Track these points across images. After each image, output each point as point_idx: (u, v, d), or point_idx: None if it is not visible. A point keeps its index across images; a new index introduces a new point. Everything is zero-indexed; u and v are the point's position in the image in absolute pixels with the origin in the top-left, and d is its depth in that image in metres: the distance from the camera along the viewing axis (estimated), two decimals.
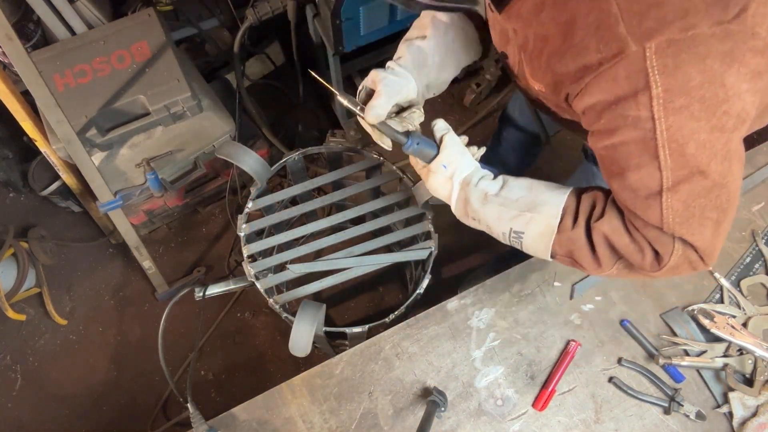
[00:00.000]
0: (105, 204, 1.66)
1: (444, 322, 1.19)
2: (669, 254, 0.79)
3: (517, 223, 0.90)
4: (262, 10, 1.81)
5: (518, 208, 0.90)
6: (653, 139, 0.70)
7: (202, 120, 1.83)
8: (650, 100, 0.67)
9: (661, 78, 0.66)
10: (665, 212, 0.75)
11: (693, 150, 0.70)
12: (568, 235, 0.86)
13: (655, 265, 0.81)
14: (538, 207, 0.89)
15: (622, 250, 0.82)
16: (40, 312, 2.07)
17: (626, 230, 0.81)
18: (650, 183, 0.74)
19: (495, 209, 0.92)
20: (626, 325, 1.17)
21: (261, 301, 2.07)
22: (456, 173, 0.96)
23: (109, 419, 1.94)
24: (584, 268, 0.88)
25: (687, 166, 0.72)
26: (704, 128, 0.69)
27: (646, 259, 0.81)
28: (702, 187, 0.73)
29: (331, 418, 1.12)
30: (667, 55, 0.65)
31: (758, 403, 1.10)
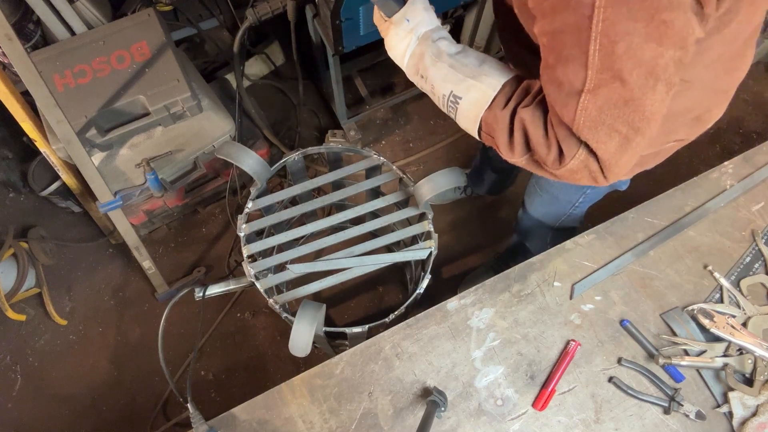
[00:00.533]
0: (105, 204, 1.66)
1: (444, 322, 1.19)
2: (571, 156, 0.80)
3: (459, 88, 0.90)
4: (262, 11, 1.81)
5: (464, 73, 0.90)
6: (588, 29, 0.69)
7: (201, 120, 1.83)
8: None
9: None
10: (578, 113, 0.75)
11: (621, 52, 0.69)
12: (495, 113, 0.87)
13: (557, 164, 0.82)
14: (482, 77, 0.89)
15: (534, 142, 0.83)
16: (40, 312, 2.07)
17: (543, 124, 0.82)
18: (574, 80, 0.74)
19: (444, 69, 0.92)
20: (626, 325, 1.17)
21: (261, 301, 2.07)
22: (417, 27, 0.95)
23: (109, 419, 1.94)
24: (499, 149, 0.89)
25: (611, 69, 0.71)
26: (639, 32, 0.68)
27: (550, 155, 0.82)
28: (619, 97, 0.72)
29: (331, 418, 1.12)
30: None
31: (758, 403, 1.10)
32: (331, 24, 1.62)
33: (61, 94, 1.64)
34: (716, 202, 1.30)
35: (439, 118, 2.44)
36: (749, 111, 2.41)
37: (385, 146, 2.40)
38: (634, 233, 1.27)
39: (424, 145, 2.38)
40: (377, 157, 1.42)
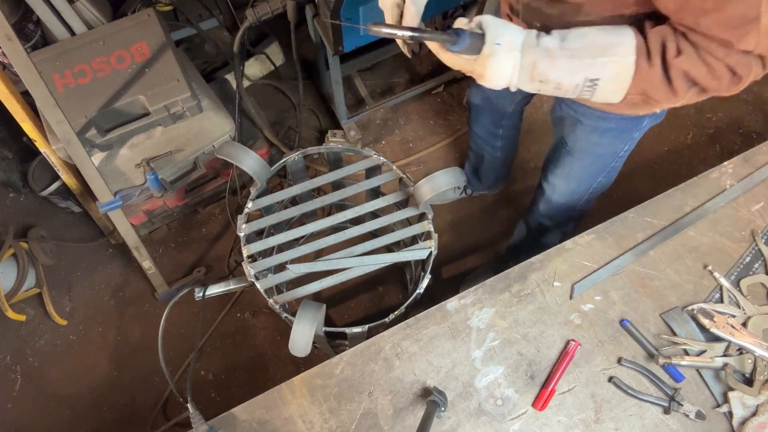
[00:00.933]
0: (105, 204, 1.66)
1: (444, 322, 1.19)
2: (748, 74, 0.85)
3: (592, 71, 0.90)
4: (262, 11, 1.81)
5: (589, 55, 0.89)
6: None
7: (201, 120, 1.83)
8: None
9: None
10: (763, 38, 0.79)
11: None
12: (645, 73, 0.88)
13: (733, 86, 0.87)
14: (610, 50, 0.88)
15: (700, 80, 0.86)
16: (39, 312, 2.07)
17: (704, 63, 0.85)
18: (748, 11, 0.77)
19: (565, 62, 0.90)
20: (626, 325, 1.17)
21: (261, 301, 2.07)
22: (512, 43, 0.91)
23: (109, 419, 1.94)
24: (658, 102, 0.92)
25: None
26: None
27: (723, 82, 0.86)
28: None
29: (331, 418, 1.12)
30: None
31: (758, 403, 1.10)
32: (330, 24, 1.62)
33: (61, 94, 1.64)
34: (716, 202, 1.30)
35: (439, 118, 2.44)
36: (749, 111, 2.41)
37: (385, 146, 2.40)
38: (634, 233, 1.27)
39: (424, 145, 2.38)
40: (377, 157, 1.42)
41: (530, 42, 0.92)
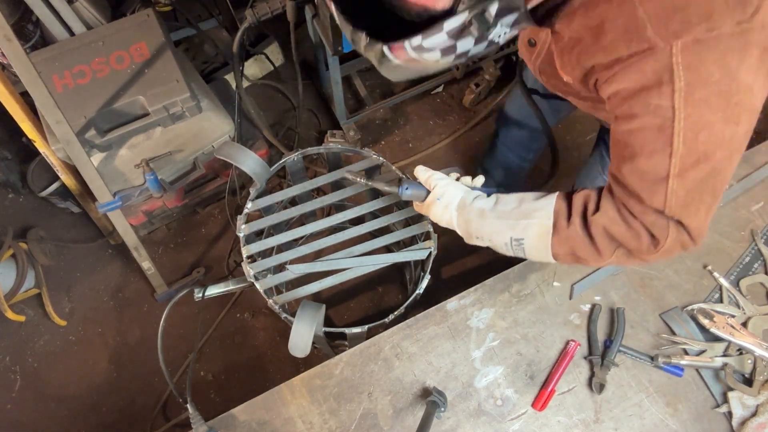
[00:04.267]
0: (104, 205, 1.66)
1: (443, 323, 1.19)
2: (665, 237, 0.85)
3: (516, 231, 0.96)
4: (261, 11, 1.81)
5: (514, 217, 0.97)
6: (670, 127, 0.75)
7: (201, 121, 1.83)
8: (672, 92, 0.73)
9: (685, 73, 0.71)
10: (669, 196, 0.80)
11: (704, 138, 0.75)
12: (565, 233, 0.92)
13: (652, 249, 0.87)
14: (532, 213, 0.95)
15: (620, 238, 0.87)
16: (39, 313, 2.07)
17: (622, 219, 0.86)
18: (659, 168, 0.79)
19: (494, 222, 0.99)
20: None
21: (260, 301, 2.07)
22: (451, 202, 1.05)
23: (108, 420, 1.94)
24: (587, 260, 0.93)
25: (696, 153, 0.77)
26: (719, 119, 0.74)
27: (642, 243, 0.86)
28: (704, 174, 0.79)
29: (331, 419, 1.12)
30: (692, 53, 0.71)
31: (757, 403, 1.10)
32: (330, 24, 1.62)
33: (60, 95, 1.64)
34: None
35: (439, 119, 2.44)
36: None
37: (385, 146, 2.40)
38: None
39: (424, 145, 2.38)
40: (377, 157, 1.42)
41: (464, 203, 1.04)
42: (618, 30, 0.75)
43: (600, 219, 0.88)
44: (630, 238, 0.87)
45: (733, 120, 0.75)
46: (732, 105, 0.74)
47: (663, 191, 0.80)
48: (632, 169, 0.83)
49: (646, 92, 0.75)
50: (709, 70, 0.71)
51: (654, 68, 0.73)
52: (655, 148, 0.78)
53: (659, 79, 0.73)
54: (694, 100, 0.73)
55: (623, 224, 0.86)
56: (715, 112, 0.74)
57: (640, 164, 0.81)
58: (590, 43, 0.80)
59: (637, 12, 0.72)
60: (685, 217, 0.83)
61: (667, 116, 0.75)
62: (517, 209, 0.97)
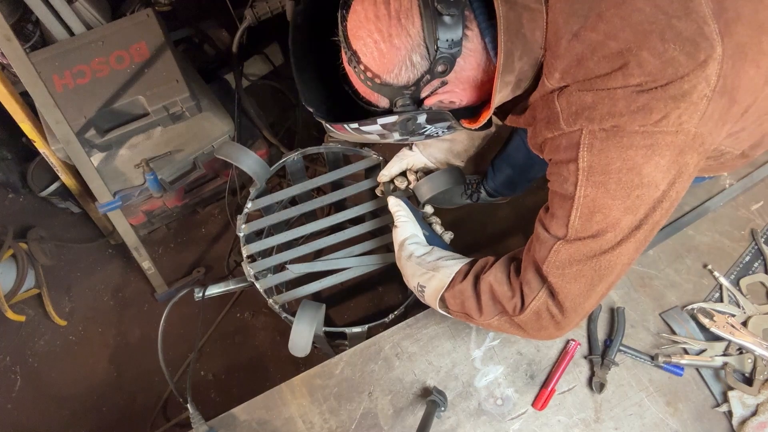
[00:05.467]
0: (104, 205, 1.66)
1: (444, 322, 1.19)
2: (532, 297, 0.89)
3: (422, 279, 1.06)
4: (261, 11, 1.81)
5: (425, 267, 1.06)
6: (571, 200, 0.82)
7: (201, 120, 1.83)
8: (577, 170, 0.80)
9: (587, 155, 0.79)
10: (551, 254, 0.86)
11: (599, 219, 0.81)
12: (458, 287, 0.99)
13: (518, 309, 0.91)
14: (440, 269, 1.04)
15: (500, 297, 0.93)
16: (39, 313, 2.07)
17: (507, 280, 0.93)
18: (557, 230, 0.86)
19: (412, 267, 1.09)
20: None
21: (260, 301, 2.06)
22: (396, 238, 1.16)
23: (108, 420, 1.94)
24: (472, 318, 0.99)
25: (588, 231, 0.82)
26: (618, 206, 0.80)
27: (513, 301, 0.91)
28: (590, 250, 0.83)
29: (331, 418, 1.12)
30: (596, 138, 0.78)
31: (758, 402, 1.10)
32: None
33: (60, 95, 1.64)
34: (715, 201, 1.30)
35: None
36: None
37: (385, 146, 2.38)
38: None
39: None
40: (377, 156, 1.42)
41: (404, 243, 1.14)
42: (543, 121, 0.85)
43: (488, 277, 0.94)
44: (506, 296, 0.92)
45: (631, 211, 0.80)
46: (633, 197, 0.79)
47: (549, 247, 0.86)
48: (541, 220, 0.90)
49: (560, 165, 0.83)
50: (609, 157, 0.77)
51: (567, 145, 0.81)
52: (557, 214, 0.85)
53: (569, 156, 0.81)
54: (593, 182, 0.79)
55: (505, 283, 0.93)
56: (613, 199, 0.79)
57: (546, 220, 0.88)
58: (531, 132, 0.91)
59: (554, 107, 0.81)
60: (557, 282, 0.86)
61: (570, 190, 0.82)
62: (432, 262, 1.06)
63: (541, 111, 0.86)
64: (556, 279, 0.86)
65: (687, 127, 0.76)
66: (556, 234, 0.86)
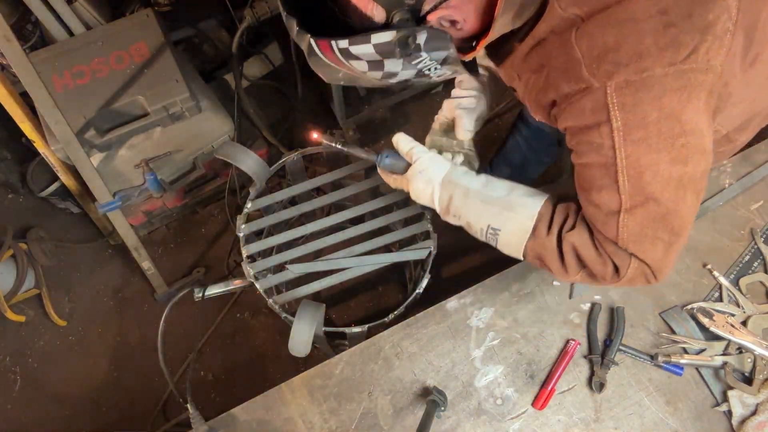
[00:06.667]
0: (104, 205, 1.66)
1: (443, 322, 1.19)
2: (626, 268, 0.85)
3: (496, 221, 0.94)
4: (261, 11, 1.81)
5: (498, 205, 0.94)
6: (614, 165, 0.77)
7: (200, 120, 1.83)
8: (611, 132, 0.74)
9: (620, 113, 0.73)
10: (621, 230, 0.82)
11: (649, 178, 0.76)
12: (541, 241, 0.91)
13: (615, 277, 0.87)
14: (516, 208, 0.93)
15: (588, 261, 0.88)
16: (39, 313, 2.07)
17: (593, 244, 0.87)
18: (610, 203, 0.80)
19: (476, 206, 0.96)
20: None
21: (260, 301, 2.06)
22: (434, 176, 1.00)
23: (108, 420, 1.94)
24: (552, 272, 0.93)
25: (642, 193, 0.78)
26: (664, 159, 0.75)
27: (607, 271, 0.87)
28: (656, 213, 0.79)
29: (331, 418, 1.12)
30: (625, 94, 0.72)
31: (757, 402, 1.10)
32: None
33: (59, 95, 1.64)
34: (715, 200, 1.30)
35: None
36: None
37: (384, 146, 2.39)
38: None
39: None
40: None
41: (451, 177, 0.99)
42: (559, 69, 0.77)
43: (572, 238, 0.88)
44: (597, 263, 0.87)
45: (680, 161, 0.75)
46: (678, 147, 0.74)
47: (614, 224, 0.82)
48: (587, 201, 0.85)
49: (588, 131, 0.77)
50: (645, 111, 0.72)
51: (592, 108, 0.75)
52: (603, 184, 0.80)
53: (597, 119, 0.75)
54: (633, 140, 0.74)
55: (593, 249, 0.87)
56: (658, 152, 0.75)
57: (592, 197, 0.83)
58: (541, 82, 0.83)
59: (574, 52, 0.74)
60: (639, 252, 0.83)
61: (609, 155, 0.76)
62: (504, 198, 0.94)
63: (556, 56, 0.78)
64: (637, 249, 0.83)
65: (714, 64, 0.72)
66: (611, 208, 0.81)
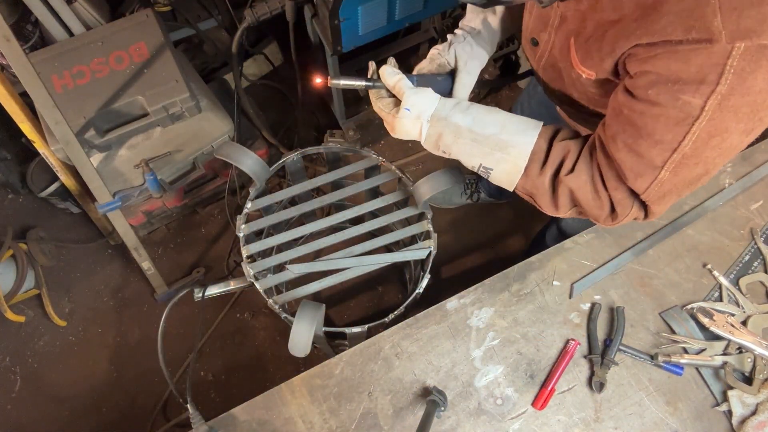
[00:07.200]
0: (104, 205, 1.66)
1: (443, 322, 1.19)
2: (625, 215, 0.85)
3: (487, 160, 0.93)
4: (261, 11, 1.81)
5: (489, 146, 0.91)
6: (689, 125, 0.71)
7: (200, 121, 1.83)
8: (711, 93, 0.68)
9: (732, 78, 0.66)
10: (654, 185, 0.79)
11: (715, 144, 0.73)
12: (533, 180, 0.90)
13: (609, 221, 0.87)
14: (508, 149, 0.90)
15: (584, 204, 0.87)
16: (39, 313, 2.07)
17: (592, 187, 0.85)
18: (658, 158, 0.76)
19: (467, 145, 0.93)
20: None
21: (260, 301, 2.07)
22: (423, 112, 0.95)
23: (108, 420, 1.94)
24: (541, 208, 0.93)
25: (699, 156, 0.74)
26: (738, 129, 0.71)
27: (603, 212, 0.87)
28: (696, 175, 0.78)
29: (331, 418, 1.12)
30: (751, 60, 0.64)
31: (757, 401, 1.10)
32: (329, 24, 1.62)
33: (59, 95, 1.64)
34: (715, 200, 1.30)
35: None
36: None
37: (384, 146, 2.40)
38: (633, 232, 1.28)
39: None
40: (376, 156, 1.42)
41: (440, 114, 0.94)
42: (681, 13, 0.66)
43: (570, 182, 0.85)
44: (593, 206, 0.86)
45: (747, 131, 0.72)
46: (756, 119, 0.70)
47: (651, 179, 0.79)
48: (630, 148, 0.79)
49: (681, 85, 0.69)
50: (755, 80, 0.66)
51: (703, 64, 0.66)
52: (663, 139, 0.74)
53: (703, 77, 0.67)
54: (727, 106, 0.68)
55: (591, 192, 0.85)
56: (738, 122, 0.70)
57: (640, 146, 0.77)
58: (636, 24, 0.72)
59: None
60: (656, 205, 0.83)
61: (693, 114, 0.70)
62: (495, 137, 0.91)
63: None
64: (655, 203, 0.82)
65: None
66: (655, 163, 0.76)
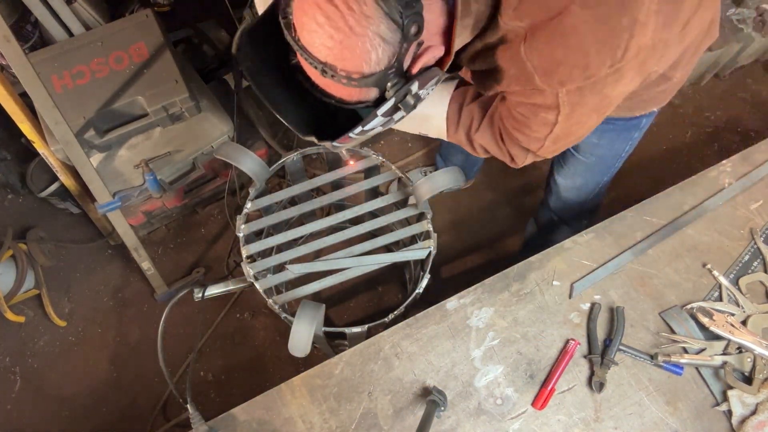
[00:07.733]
0: (103, 205, 1.66)
1: (443, 322, 1.19)
2: (523, 162, 1.08)
3: (422, 128, 1.20)
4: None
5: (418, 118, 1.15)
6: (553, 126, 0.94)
7: (200, 121, 1.83)
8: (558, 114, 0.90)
9: (569, 105, 0.88)
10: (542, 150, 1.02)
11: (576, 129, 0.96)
12: (453, 137, 1.17)
13: (512, 165, 1.11)
14: (429, 120, 1.17)
15: (492, 153, 1.12)
16: (39, 313, 2.07)
17: (496, 142, 1.08)
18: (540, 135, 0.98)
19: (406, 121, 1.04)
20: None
21: (260, 301, 2.07)
22: None
23: (108, 420, 1.94)
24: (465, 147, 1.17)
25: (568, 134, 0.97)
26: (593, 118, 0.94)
27: (506, 159, 1.10)
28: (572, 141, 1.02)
29: (331, 418, 1.12)
30: (575, 95, 0.86)
31: (757, 401, 1.10)
32: None
33: (59, 96, 1.64)
34: (715, 200, 1.30)
35: None
36: (747, 110, 2.41)
37: (384, 146, 2.40)
38: (633, 232, 1.28)
39: (423, 144, 2.38)
40: (376, 156, 1.42)
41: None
42: (512, 77, 0.88)
43: (479, 140, 1.10)
44: (499, 155, 1.11)
45: (601, 114, 0.95)
46: (603, 113, 0.94)
47: (539, 145, 1.00)
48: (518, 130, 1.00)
49: (537, 108, 0.92)
50: (587, 100, 0.87)
51: (543, 101, 0.89)
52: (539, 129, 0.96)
53: (548, 106, 0.89)
54: (573, 115, 0.90)
55: (496, 145, 1.08)
56: (589, 116, 0.93)
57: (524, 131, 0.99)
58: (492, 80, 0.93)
59: (525, 66, 0.83)
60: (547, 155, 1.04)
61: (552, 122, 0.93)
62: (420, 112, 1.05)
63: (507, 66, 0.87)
64: (546, 153, 1.03)
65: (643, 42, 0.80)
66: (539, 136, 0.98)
